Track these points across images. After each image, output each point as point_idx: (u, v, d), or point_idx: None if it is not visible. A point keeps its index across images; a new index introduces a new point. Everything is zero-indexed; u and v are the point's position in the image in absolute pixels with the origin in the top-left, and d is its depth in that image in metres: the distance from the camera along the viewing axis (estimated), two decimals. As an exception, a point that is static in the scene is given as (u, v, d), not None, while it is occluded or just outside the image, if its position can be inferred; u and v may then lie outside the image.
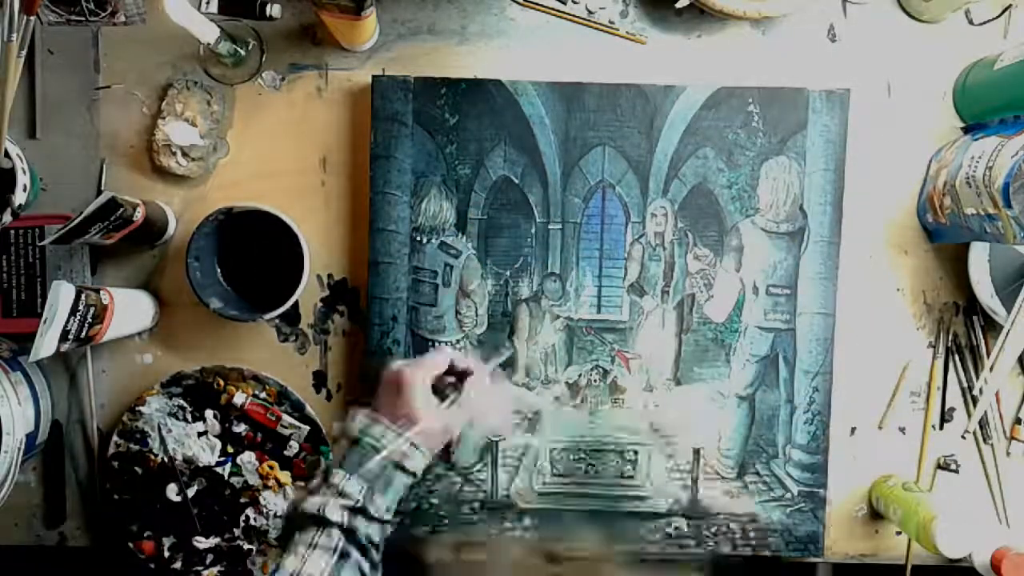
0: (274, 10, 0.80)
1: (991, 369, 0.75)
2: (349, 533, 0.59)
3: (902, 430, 0.84)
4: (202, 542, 0.81)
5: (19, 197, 0.75)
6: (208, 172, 0.82)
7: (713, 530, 0.81)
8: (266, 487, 0.80)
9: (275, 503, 0.80)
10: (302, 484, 0.77)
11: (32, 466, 0.83)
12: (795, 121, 0.79)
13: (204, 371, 0.81)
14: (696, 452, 0.81)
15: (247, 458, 0.81)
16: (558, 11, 0.82)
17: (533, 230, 0.80)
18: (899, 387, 0.83)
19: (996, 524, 0.83)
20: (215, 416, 0.81)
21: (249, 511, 0.80)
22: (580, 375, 0.81)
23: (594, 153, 0.80)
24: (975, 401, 0.82)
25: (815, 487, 0.80)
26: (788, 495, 0.80)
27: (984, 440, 0.83)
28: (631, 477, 0.81)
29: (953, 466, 0.83)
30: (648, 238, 0.80)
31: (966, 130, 0.80)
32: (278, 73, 0.82)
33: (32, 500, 0.83)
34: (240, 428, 0.81)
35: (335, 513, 0.59)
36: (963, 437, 0.83)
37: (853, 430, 0.84)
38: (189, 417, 0.81)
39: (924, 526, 0.73)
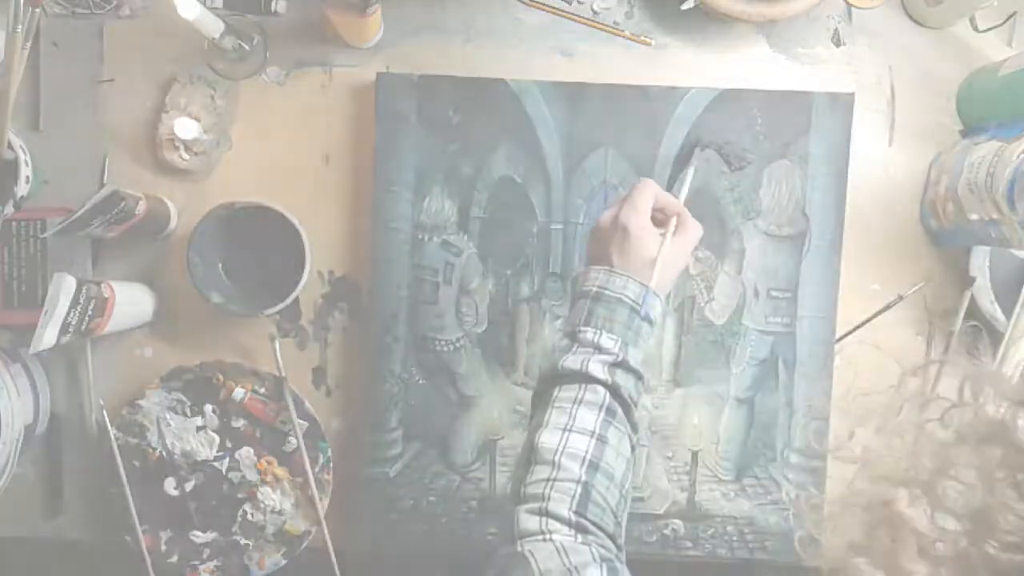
0: (279, 6, 0.81)
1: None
2: (614, 390, 0.58)
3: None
4: (199, 536, 0.81)
5: (21, 188, 0.75)
6: (211, 167, 0.82)
7: (710, 532, 0.81)
8: (264, 483, 0.80)
9: (272, 499, 0.80)
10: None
11: (30, 458, 0.83)
12: (798, 125, 0.79)
13: (204, 366, 0.81)
14: (694, 454, 0.81)
15: (245, 453, 0.81)
16: (563, 11, 0.82)
17: (535, 229, 0.80)
18: (898, 392, 0.83)
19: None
20: (214, 411, 0.81)
21: (247, 506, 0.80)
22: (579, 375, 0.81)
23: (597, 154, 0.80)
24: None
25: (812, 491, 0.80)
26: (785, 498, 0.80)
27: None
28: (629, 478, 0.81)
29: (951, 472, 0.83)
30: (650, 239, 0.80)
31: (964, 133, 0.80)
32: (282, 69, 0.82)
33: (30, 492, 0.83)
34: (239, 423, 0.81)
35: (599, 370, 0.57)
36: None
37: (851, 435, 0.84)
38: (188, 411, 0.81)
39: (921, 531, 0.73)
